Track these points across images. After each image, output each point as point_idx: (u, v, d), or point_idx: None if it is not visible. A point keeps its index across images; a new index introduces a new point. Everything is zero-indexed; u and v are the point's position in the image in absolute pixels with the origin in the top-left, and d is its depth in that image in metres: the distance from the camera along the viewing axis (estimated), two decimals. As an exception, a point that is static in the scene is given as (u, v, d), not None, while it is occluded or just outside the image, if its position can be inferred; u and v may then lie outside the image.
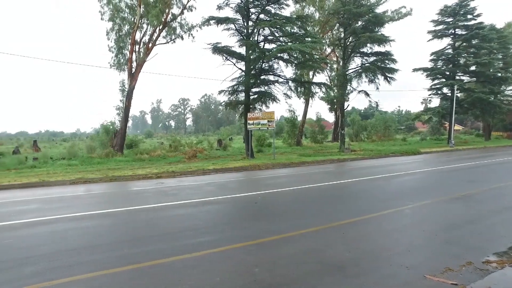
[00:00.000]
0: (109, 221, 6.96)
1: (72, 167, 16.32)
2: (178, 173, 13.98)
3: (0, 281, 3.98)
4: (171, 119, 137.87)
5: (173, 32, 23.00)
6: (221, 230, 5.97)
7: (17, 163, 16.98)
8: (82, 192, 10.41)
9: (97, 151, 21.10)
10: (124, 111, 22.76)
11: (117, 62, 22.99)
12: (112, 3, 21.50)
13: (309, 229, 5.77)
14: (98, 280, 3.92)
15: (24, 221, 6.88)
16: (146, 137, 62.36)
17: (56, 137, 74.61)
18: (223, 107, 25.12)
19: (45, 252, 4.90)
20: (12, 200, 9.39)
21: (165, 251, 4.80)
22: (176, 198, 8.94)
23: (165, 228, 6.15)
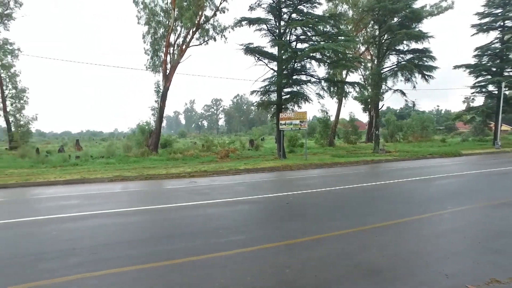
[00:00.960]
0: (144, 218, 7.19)
1: (110, 165, 17.08)
2: (210, 172, 14.19)
3: (49, 269, 4.25)
4: (204, 119, 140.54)
5: (206, 33, 23.45)
6: (252, 229, 5.98)
7: (62, 161, 18.07)
8: (119, 190, 10.85)
9: (133, 150, 21.91)
10: (158, 111, 23.50)
11: (153, 64, 23.84)
12: (148, 8, 22.31)
13: (341, 231, 5.64)
14: (133, 274, 4.07)
15: (68, 215, 7.29)
16: (180, 137, 64.00)
17: (96, 137, 78.39)
18: (255, 107, 25.24)
19: (86, 245, 5.15)
20: (57, 195, 9.99)
21: (197, 249, 4.89)
22: (208, 197, 9.08)
23: (197, 226, 6.25)
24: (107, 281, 3.87)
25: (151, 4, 22.41)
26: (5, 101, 28.36)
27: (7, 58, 28.29)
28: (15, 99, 28.71)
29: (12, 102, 28.66)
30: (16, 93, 28.65)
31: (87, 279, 3.92)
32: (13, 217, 7.34)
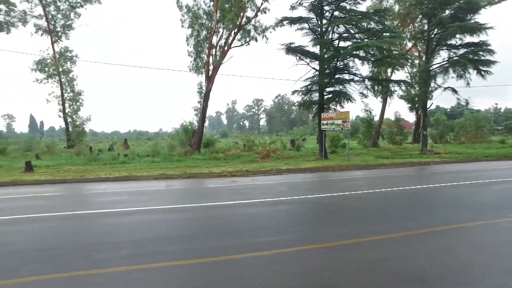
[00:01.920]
0: (186, 215, 7.45)
1: (155, 163, 17.88)
2: (252, 172, 14.34)
3: (101, 259, 4.57)
4: (245, 119, 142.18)
5: (247, 34, 23.73)
6: (292, 230, 5.96)
7: (111, 159, 19.26)
8: (163, 187, 11.31)
9: (177, 149, 22.72)
10: (201, 112, 24.18)
11: (196, 66, 24.61)
12: (192, 11, 23.06)
13: (384, 236, 5.44)
14: (175, 269, 4.24)
15: (117, 210, 7.75)
16: (222, 136, 65.27)
17: (142, 136, 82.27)
18: (296, 107, 25.04)
19: (133, 239, 5.46)
20: (107, 191, 10.67)
21: (237, 248, 4.97)
22: (249, 197, 9.19)
23: (238, 225, 6.35)
24: (151, 274, 4.06)
25: (194, 8, 23.17)
26: (64, 104, 30.77)
27: (66, 64, 30.66)
28: (72, 101, 31.03)
29: (69, 104, 31.02)
30: (73, 96, 30.96)
31: (133, 271, 4.16)
32: (70, 210, 7.96)
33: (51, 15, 30.78)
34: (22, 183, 12.37)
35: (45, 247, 5.25)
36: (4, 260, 4.67)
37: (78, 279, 3.97)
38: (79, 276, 4.04)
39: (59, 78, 30.18)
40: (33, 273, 4.13)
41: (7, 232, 6.24)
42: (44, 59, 30.04)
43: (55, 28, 31.16)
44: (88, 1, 31.29)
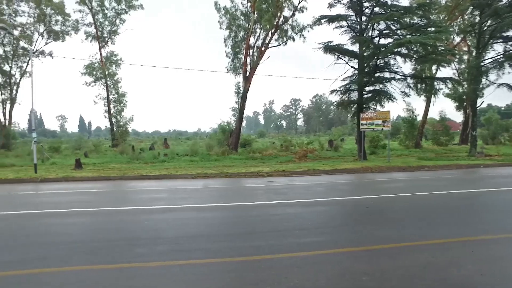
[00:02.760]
0: (223, 214, 7.59)
1: (193, 162, 18.37)
2: (288, 172, 14.29)
3: (141, 253, 4.79)
4: (282, 119, 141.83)
5: (284, 34, 23.69)
6: (330, 232, 5.86)
7: (152, 158, 20.09)
8: (201, 186, 11.58)
9: (215, 149, 23.19)
10: (239, 112, 24.49)
11: (233, 67, 24.98)
12: (229, 13, 23.44)
13: (427, 241, 5.17)
14: (211, 266, 4.32)
15: (157, 207, 8.08)
16: (259, 136, 65.54)
17: (181, 136, 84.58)
18: (334, 107, 24.62)
19: (170, 236, 5.65)
20: (148, 188, 11.16)
21: (273, 247, 4.98)
22: (285, 197, 9.17)
23: (274, 225, 6.36)
24: (188, 271, 4.18)
25: (231, 9, 23.55)
26: (110, 105, 32.62)
27: (112, 68, 32.47)
28: (117, 102, 32.81)
29: (114, 106, 32.84)
30: (117, 98, 32.73)
31: (170, 266, 4.30)
32: (114, 205, 8.42)
33: (99, 22, 32.81)
34: (73, 179, 13.28)
35: (92, 239, 5.62)
36: (58, 249, 5.06)
37: (121, 271, 4.19)
38: (123, 268, 4.27)
39: (105, 81, 32.10)
40: (82, 263, 4.44)
41: (60, 224, 6.76)
42: (92, 64, 32.07)
43: (102, 34, 33.15)
44: (132, 8, 32.94)
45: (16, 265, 4.43)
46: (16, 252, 5.03)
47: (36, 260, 4.62)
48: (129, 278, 3.97)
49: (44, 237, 5.86)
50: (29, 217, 7.42)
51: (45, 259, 4.62)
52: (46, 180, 13.16)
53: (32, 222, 7.06)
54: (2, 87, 32.79)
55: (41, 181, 13.04)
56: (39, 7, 32.06)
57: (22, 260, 4.62)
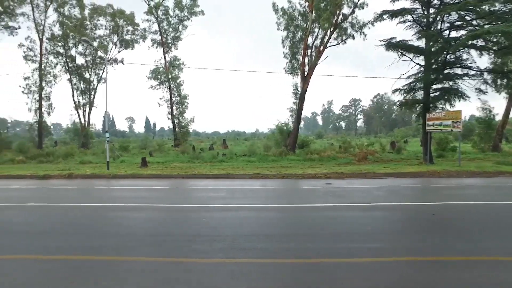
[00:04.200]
0: (280, 215, 7.64)
1: (251, 163, 18.71)
2: (347, 174, 13.89)
3: (199, 250, 5.01)
4: (341, 120, 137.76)
5: (343, 32, 23.07)
6: (390, 239, 5.59)
7: (211, 158, 20.88)
8: (259, 186, 11.76)
9: (272, 149, 23.33)
10: (296, 112, 24.39)
11: (291, 67, 24.98)
12: (287, 13, 23.48)
13: (500, 257, 4.67)
14: (268, 266, 4.38)
15: (215, 205, 8.39)
16: (317, 137, 64.53)
17: (239, 137, 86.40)
18: (397, 107, 23.28)
19: (228, 234, 5.83)
20: (207, 187, 11.63)
21: (329, 251, 4.90)
22: (343, 200, 8.94)
23: (331, 228, 6.24)
24: (244, 269, 4.28)
25: (289, 10, 23.58)
26: (173, 106, 34.71)
27: (175, 72, 34.51)
28: (179, 104, 34.80)
29: (177, 107, 34.85)
30: (180, 100, 34.71)
31: (227, 264, 4.45)
32: (175, 202, 8.96)
33: (164, 29, 35.15)
34: (139, 176, 14.37)
35: (155, 233, 6.06)
36: (125, 240, 5.55)
37: (180, 265, 4.45)
38: (181, 262, 4.52)
39: (168, 84, 34.29)
40: (145, 254, 4.82)
41: (127, 217, 7.41)
42: (157, 68, 34.48)
43: (167, 41, 35.46)
44: (193, 14, 34.75)
45: (91, 251, 4.97)
46: (92, 240, 5.63)
47: (107, 248, 5.14)
48: (187, 272, 4.19)
49: (114, 228, 6.48)
50: (102, 209, 8.24)
51: (116, 249, 5.12)
52: (116, 176, 14.43)
53: (105, 214, 7.84)
54: (83, 93, 36.84)
55: (112, 177, 14.35)
56: (114, 20, 35.42)
57: (97, 247, 5.17)
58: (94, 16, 35.47)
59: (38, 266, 4.56)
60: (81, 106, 36.91)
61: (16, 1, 31.27)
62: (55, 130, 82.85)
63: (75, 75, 36.24)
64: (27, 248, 5.21)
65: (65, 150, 24.14)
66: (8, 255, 4.91)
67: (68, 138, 40.38)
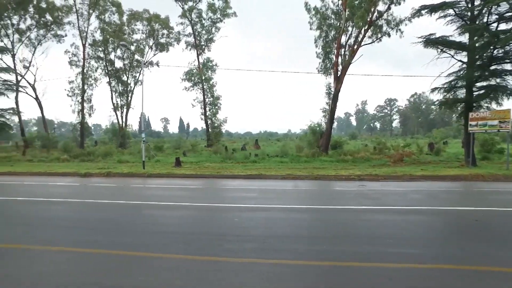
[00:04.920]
0: (312, 216, 7.49)
1: (283, 163, 18.58)
2: (382, 176, 13.40)
3: (230, 249, 5.03)
4: (376, 121, 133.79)
5: (378, 30, 22.40)
6: (428, 244, 5.29)
7: (243, 158, 20.99)
8: (291, 187, 11.63)
9: (305, 150, 23.09)
10: (329, 113, 23.98)
11: (324, 67, 24.62)
12: (320, 13, 23.14)
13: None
14: (298, 268, 4.30)
15: (246, 205, 8.39)
16: (350, 138, 63.10)
17: (271, 137, 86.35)
18: (436, 106, 22.14)
19: (259, 234, 5.80)
20: (239, 187, 11.67)
21: (362, 255, 4.72)
22: (377, 203, 8.62)
23: (365, 232, 6.03)
24: (274, 270, 4.22)
25: (322, 9, 23.24)
26: (206, 107, 35.37)
27: (208, 73, 35.14)
28: (212, 105, 35.44)
29: (209, 108, 35.48)
30: (213, 101, 35.34)
31: (257, 264, 4.41)
32: (207, 202, 9.05)
33: (197, 32, 35.96)
34: (173, 176, 14.72)
35: (187, 231, 6.15)
36: (159, 237, 5.69)
37: (211, 263, 4.47)
38: (212, 261, 4.55)
39: (202, 85, 34.97)
40: (177, 252, 4.89)
41: (161, 215, 7.59)
42: (191, 70, 35.27)
43: (200, 43, 36.26)
44: (226, 16, 35.24)
45: (127, 247, 5.13)
46: (127, 236, 5.82)
47: (142, 244, 5.29)
48: (217, 271, 4.20)
49: (148, 225, 6.66)
50: (137, 207, 8.50)
51: (149, 245, 5.25)
52: (152, 175, 14.87)
53: (140, 211, 8.08)
54: (121, 95, 38.53)
55: (147, 176, 14.80)
56: (150, 24, 36.76)
57: (132, 243, 5.33)
58: (132, 21, 37.06)
59: (78, 257, 4.80)
60: (119, 107, 38.65)
61: (64, 11, 33.53)
62: (95, 130, 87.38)
63: (113, 78, 38.04)
64: (69, 241, 5.51)
65: (104, 150, 25.32)
66: (53, 246, 5.20)
67: (107, 138, 42.44)
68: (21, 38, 33.68)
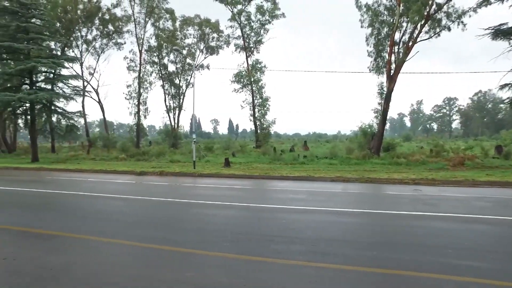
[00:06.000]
0: (362, 220, 7.17)
1: (332, 165, 18.09)
2: (439, 181, 12.45)
3: (277, 250, 4.95)
4: (433, 121, 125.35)
5: (437, 24, 20.91)
6: (496, 258, 4.74)
7: (292, 159, 20.79)
8: (340, 190, 11.27)
9: (355, 152, 22.28)
10: (382, 114, 22.93)
11: (376, 66, 23.60)
12: (371, 9, 22.19)
13: None
14: (348, 274, 4.09)
15: (294, 207, 8.26)
16: (404, 140, 59.76)
17: (321, 138, 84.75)
18: (506, 105, 20.09)
19: (307, 237, 5.66)
20: (287, 189, 11.55)
21: (416, 264, 4.37)
22: (434, 209, 7.99)
23: (420, 239, 5.60)
24: (322, 274, 4.08)
25: (374, 5, 22.26)
26: (254, 109, 35.68)
27: (257, 75, 35.43)
28: (261, 106, 35.66)
29: (258, 109, 35.75)
30: (261, 102, 35.55)
31: (305, 267, 4.29)
32: (254, 202, 9.07)
33: (246, 34, 36.43)
34: (222, 176, 15.00)
35: (235, 231, 6.18)
36: (207, 236, 5.82)
37: (257, 263, 4.44)
38: (258, 261, 4.51)
39: (251, 87, 35.33)
40: (225, 250, 4.92)
41: (209, 214, 7.73)
42: (240, 72, 35.79)
43: (249, 45, 36.70)
44: (275, 17, 35.31)
45: (176, 243, 5.28)
46: (177, 233, 6.02)
47: (191, 241, 5.43)
48: (264, 272, 4.15)
49: (197, 223, 6.83)
50: (187, 205, 8.78)
51: (198, 243, 5.37)
52: (202, 175, 15.29)
53: (190, 209, 8.33)
54: (173, 97, 40.40)
55: (198, 175, 15.25)
56: (201, 29, 38.14)
57: (181, 240, 5.49)
58: (184, 27, 38.79)
59: (133, 251, 5.06)
60: (172, 109, 40.56)
61: (124, 21, 36.29)
62: (150, 131, 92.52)
63: (167, 81, 40.03)
64: (125, 234, 5.84)
65: (158, 150, 26.67)
66: (111, 238, 5.58)
67: (160, 138, 44.71)
68: (88, 48, 36.96)
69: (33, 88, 22.98)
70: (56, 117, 26.25)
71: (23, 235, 5.90)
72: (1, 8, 22.78)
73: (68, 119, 25.82)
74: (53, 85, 25.94)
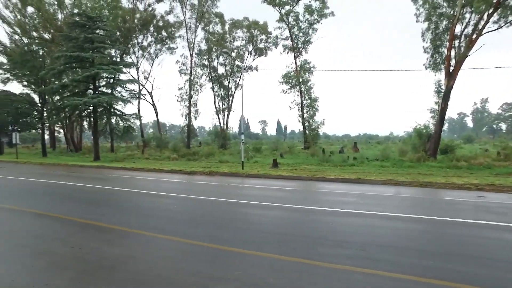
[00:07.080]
0: (416, 227, 6.69)
1: (384, 168, 17.25)
2: (508, 187, 11.25)
3: (324, 253, 4.83)
4: (500, 121, 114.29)
5: (509, 12, 18.80)
6: None
7: (341, 161, 20.18)
8: (392, 194, 10.67)
9: (409, 154, 21.11)
10: (439, 113, 21.44)
11: (433, 63, 22.22)
12: (429, 2, 20.82)
13: None
14: (400, 282, 3.86)
15: (342, 210, 7.98)
16: (465, 142, 55.32)
17: (371, 140, 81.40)
18: None
19: (356, 241, 5.43)
20: (336, 191, 11.19)
21: (482, 279, 3.98)
22: (504, 218, 7.21)
23: (483, 250, 5.09)
24: (372, 281, 3.89)
25: (431, -2, 20.79)
26: (303, 110, 35.22)
27: (305, 75, 34.96)
28: (309, 107, 35.07)
29: (307, 110, 35.20)
30: (310, 103, 34.97)
31: (353, 272, 4.12)
32: (302, 204, 8.89)
33: (294, 35, 36.14)
34: (270, 177, 14.97)
35: (282, 232, 6.17)
36: (254, 235, 5.83)
37: (304, 266, 4.36)
38: (305, 263, 4.43)
39: (299, 87, 34.93)
40: (272, 251, 4.91)
41: (257, 214, 7.74)
42: (289, 73, 35.56)
43: (297, 45, 36.36)
44: (323, 16, 34.59)
45: (224, 242, 5.35)
46: (225, 232, 6.06)
47: (238, 241, 5.47)
48: (310, 274, 4.07)
49: (245, 223, 6.88)
50: (235, 205, 8.88)
51: (245, 242, 5.40)
52: (250, 175, 15.40)
53: (238, 209, 8.41)
54: (222, 99, 41.37)
55: (246, 176, 15.39)
56: (249, 31, 38.62)
57: (229, 239, 5.55)
58: (233, 30, 39.59)
59: (183, 247, 5.25)
60: (221, 110, 41.57)
61: (176, 26, 38.07)
62: (200, 132, 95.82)
63: (216, 83, 41.11)
64: (175, 231, 6.08)
65: (207, 150, 27.45)
66: (162, 234, 5.84)
67: (210, 139, 46.01)
68: (143, 54, 39.22)
69: (96, 93, 24.96)
70: (115, 119, 28.28)
71: (87, 227, 6.43)
72: (73, 23, 25.33)
73: (126, 121, 27.62)
74: (113, 89, 27.94)
